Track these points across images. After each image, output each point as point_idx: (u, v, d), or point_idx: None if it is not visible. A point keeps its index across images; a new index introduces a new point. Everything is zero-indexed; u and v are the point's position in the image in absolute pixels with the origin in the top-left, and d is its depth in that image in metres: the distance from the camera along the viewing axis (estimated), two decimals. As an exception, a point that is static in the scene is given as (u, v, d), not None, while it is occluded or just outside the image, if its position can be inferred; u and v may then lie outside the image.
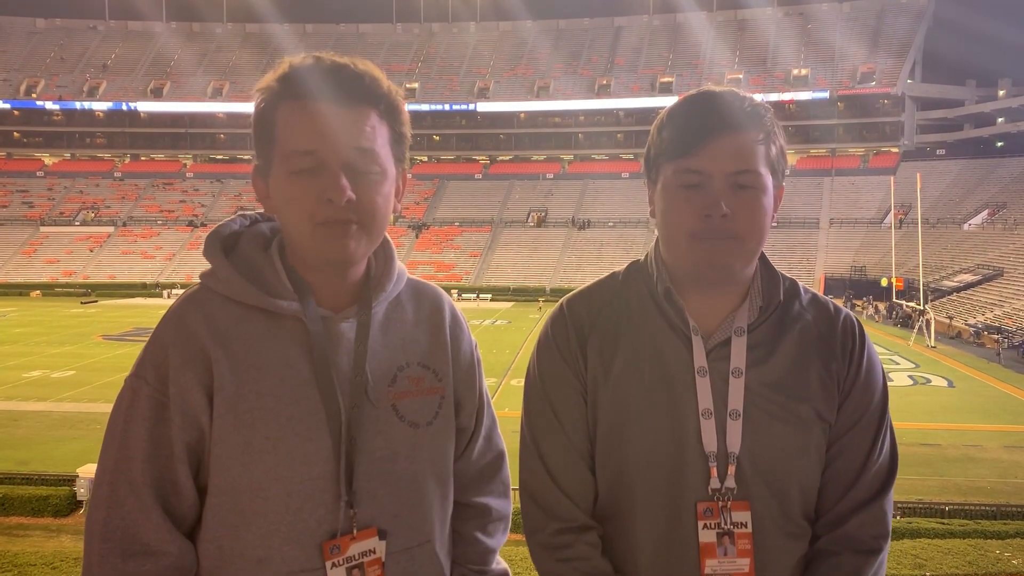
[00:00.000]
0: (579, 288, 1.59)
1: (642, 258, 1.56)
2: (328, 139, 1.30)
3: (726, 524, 1.40)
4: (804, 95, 66.53)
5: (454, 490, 1.52)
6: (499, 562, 1.62)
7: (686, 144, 1.38)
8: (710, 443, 1.40)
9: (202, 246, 1.42)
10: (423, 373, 1.46)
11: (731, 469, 1.40)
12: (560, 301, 1.57)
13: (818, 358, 1.45)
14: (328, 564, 1.33)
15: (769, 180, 1.40)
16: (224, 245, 1.42)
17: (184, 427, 1.32)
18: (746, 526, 1.40)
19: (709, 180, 1.36)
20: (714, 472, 1.40)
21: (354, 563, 1.35)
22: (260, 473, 1.31)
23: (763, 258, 1.51)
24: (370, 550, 1.37)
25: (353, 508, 1.35)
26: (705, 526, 1.40)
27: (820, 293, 1.55)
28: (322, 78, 1.32)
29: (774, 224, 1.48)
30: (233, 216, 1.48)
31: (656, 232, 1.50)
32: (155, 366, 1.33)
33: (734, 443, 1.40)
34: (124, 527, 1.30)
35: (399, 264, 1.50)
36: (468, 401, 1.54)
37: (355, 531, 1.35)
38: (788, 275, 1.55)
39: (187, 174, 74.19)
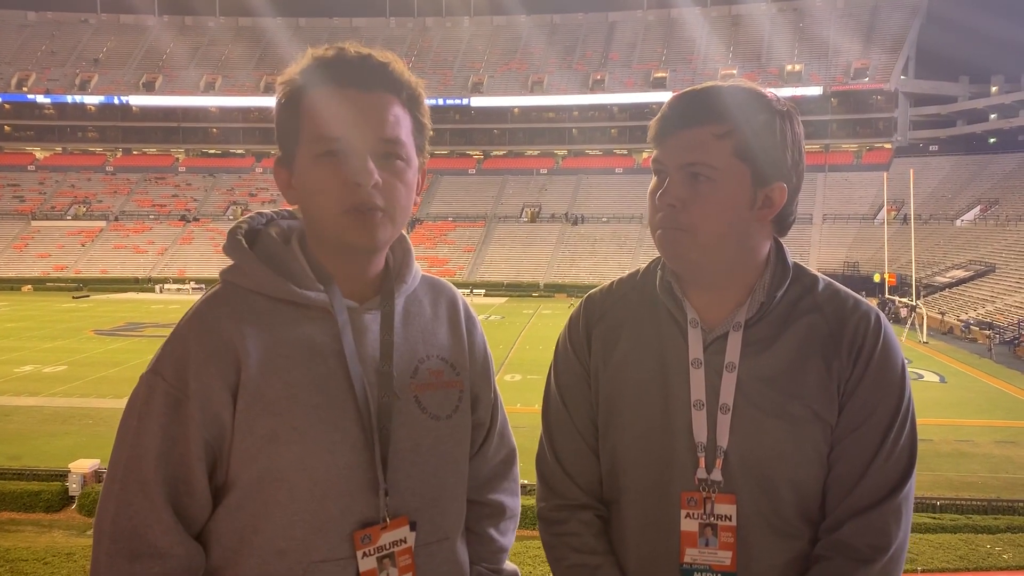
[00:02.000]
0: (604, 284, 1.65)
1: None
2: (354, 126, 1.31)
3: (709, 516, 1.41)
4: (798, 91, 66.56)
5: (469, 488, 1.53)
6: (508, 563, 1.63)
7: (654, 137, 1.45)
8: (700, 434, 1.42)
9: (224, 243, 1.42)
10: (442, 366, 1.47)
11: (718, 462, 1.41)
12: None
13: (819, 356, 1.41)
14: (359, 554, 1.33)
15: (737, 175, 1.39)
16: (245, 240, 1.42)
17: (204, 423, 1.30)
18: (730, 519, 1.40)
19: (667, 170, 1.43)
20: (702, 463, 1.41)
21: (385, 553, 1.35)
22: (286, 463, 1.30)
23: (780, 253, 1.50)
24: (401, 539, 1.37)
25: (387, 497, 1.36)
26: (688, 515, 1.42)
27: (844, 288, 1.50)
28: (345, 68, 1.33)
29: (793, 219, 1.48)
30: (251, 214, 1.48)
31: None
32: (174, 362, 1.32)
33: (723, 437, 1.41)
34: (132, 527, 1.28)
35: (415, 260, 1.52)
36: (484, 396, 1.55)
37: (387, 520, 1.36)
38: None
39: (179, 168, 73.86)
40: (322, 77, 1.33)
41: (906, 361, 1.46)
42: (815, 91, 67.24)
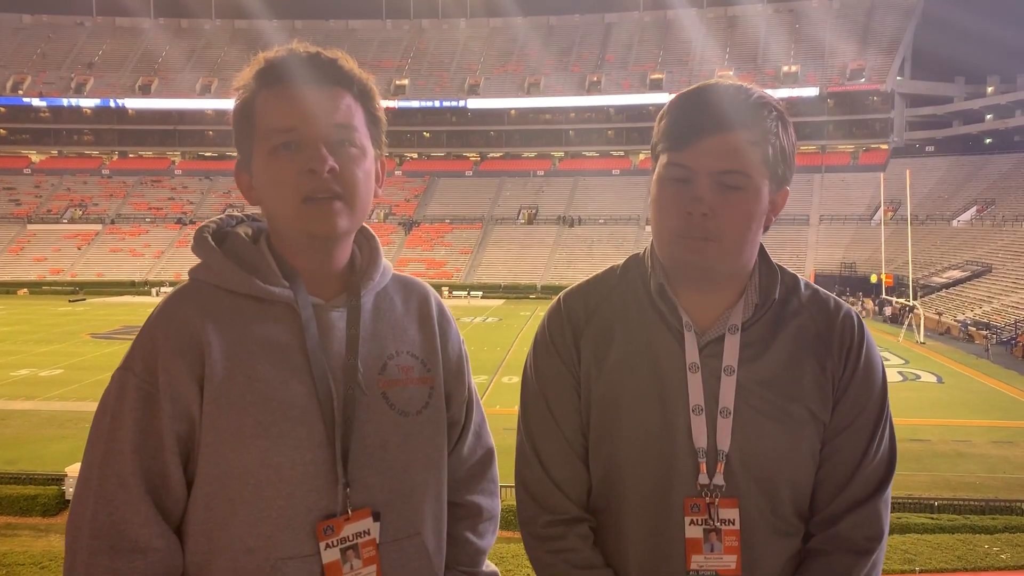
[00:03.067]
0: (578, 283, 1.59)
1: (641, 252, 1.55)
2: (307, 116, 1.34)
3: (713, 521, 1.40)
4: (794, 92, 66.68)
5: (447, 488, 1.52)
6: (488, 564, 1.61)
7: (678, 138, 1.38)
8: (700, 439, 1.40)
9: (191, 243, 1.44)
10: (412, 363, 1.47)
11: (720, 467, 1.40)
12: (558, 296, 1.58)
13: (813, 356, 1.43)
14: (322, 545, 1.33)
15: (762, 182, 1.38)
16: (214, 239, 1.44)
17: (174, 416, 1.31)
18: (734, 523, 1.40)
19: (695, 177, 1.36)
20: (703, 468, 1.40)
21: (348, 544, 1.35)
22: (251, 458, 1.31)
23: (763, 254, 1.50)
24: (365, 531, 1.37)
25: (348, 489, 1.35)
26: (692, 522, 1.41)
27: (821, 288, 1.52)
28: (295, 65, 1.36)
29: (775, 223, 1.47)
30: (221, 215, 1.50)
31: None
32: (143, 357, 1.34)
33: (724, 441, 1.40)
34: (112, 523, 1.28)
35: (384, 259, 1.52)
36: (457, 393, 1.55)
37: (349, 512, 1.35)
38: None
39: (176, 171, 73.82)
40: (273, 77, 1.37)
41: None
42: (811, 92, 67.33)
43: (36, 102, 74.54)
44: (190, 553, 1.34)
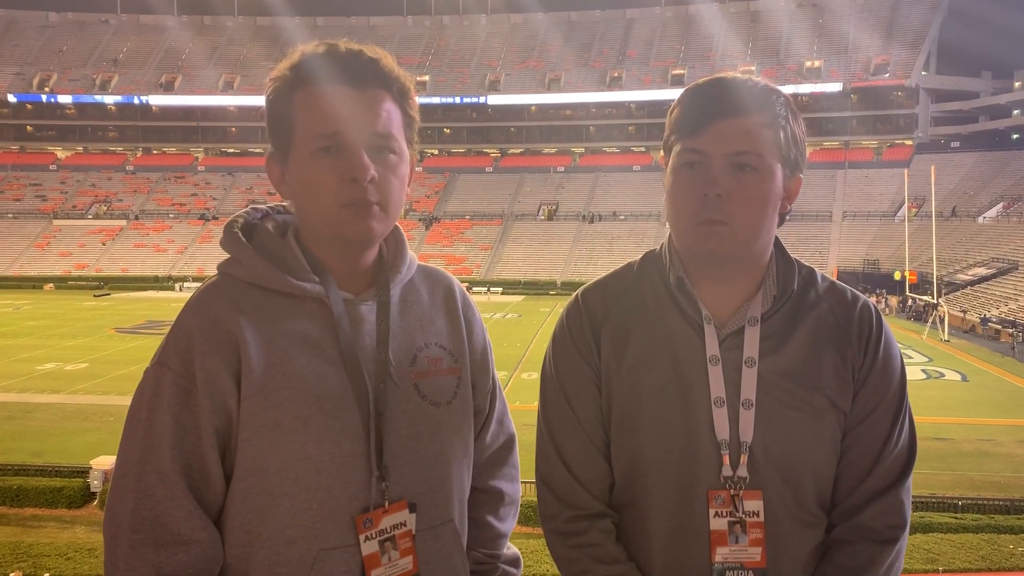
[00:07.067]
0: (595, 279, 1.60)
1: (657, 248, 1.56)
2: (349, 122, 1.34)
3: (738, 513, 1.40)
4: (817, 87, 66.09)
5: None
6: (509, 546, 1.64)
7: (691, 124, 1.40)
8: (722, 431, 1.41)
9: (220, 237, 1.45)
10: (441, 354, 1.49)
11: (743, 458, 1.40)
12: (576, 292, 1.59)
13: (833, 347, 1.43)
14: (361, 538, 1.35)
15: (775, 166, 1.40)
16: (242, 234, 1.44)
17: (213, 411, 1.32)
18: (758, 515, 1.40)
19: (709, 160, 1.38)
20: (726, 460, 1.40)
21: (386, 536, 1.37)
22: (289, 452, 1.32)
23: (779, 246, 1.51)
24: (401, 523, 1.39)
25: (385, 482, 1.37)
26: (716, 514, 1.41)
27: (837, 281, 1.53)
28: (337, 64, 1.35)
29: (789, 214, 1.47)
30: (246, 209, 1.50)
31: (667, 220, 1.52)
32: (179, 353, 1.33)
33: (747, 432, 1.40)
34: (154, 517, 1.29)
35: (410, 250, 1.53)
36: (482, 383, 1.57)
37: (387, 504, 1.37)
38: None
39: (199, 167, 74.40)
40: (315, 74, 1.35)
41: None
42: (835, 87, 66.67)
43: (62, 99, 75.36)
44: (230, 545, 1.35)
